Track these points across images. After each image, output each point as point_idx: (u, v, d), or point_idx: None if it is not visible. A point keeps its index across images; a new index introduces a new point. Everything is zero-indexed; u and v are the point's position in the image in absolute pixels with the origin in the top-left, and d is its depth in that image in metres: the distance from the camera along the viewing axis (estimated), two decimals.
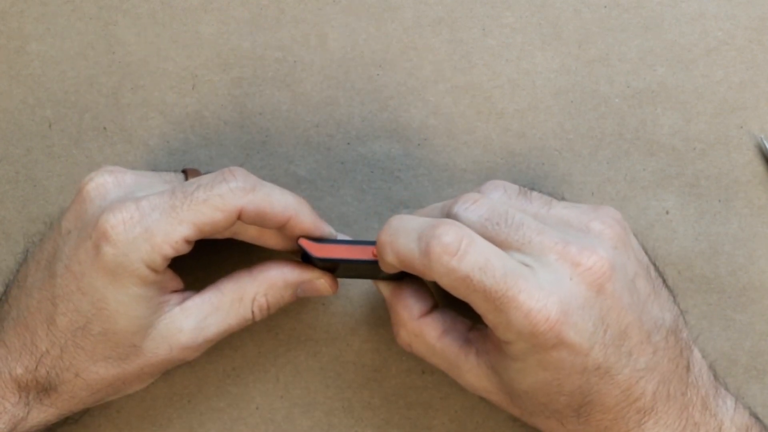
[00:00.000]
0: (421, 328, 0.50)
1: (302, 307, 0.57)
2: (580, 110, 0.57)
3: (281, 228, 0.50)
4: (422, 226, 0.46)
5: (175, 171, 0.53)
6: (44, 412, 0.50)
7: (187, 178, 0.52)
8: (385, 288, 0.51)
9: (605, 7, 0.57)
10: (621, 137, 0.57)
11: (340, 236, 0.53)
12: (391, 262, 0.47)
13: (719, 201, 0.57)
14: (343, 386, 0.57)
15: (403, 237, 0.46)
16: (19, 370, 0.49)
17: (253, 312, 0.51)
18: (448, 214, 0.47)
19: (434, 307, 0.51)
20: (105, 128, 0.58)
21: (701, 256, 0.57)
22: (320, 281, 0.52)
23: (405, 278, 0.51)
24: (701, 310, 0.57)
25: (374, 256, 0.49)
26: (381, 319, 0.57)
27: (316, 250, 0.50)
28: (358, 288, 0.57)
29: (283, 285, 0.51)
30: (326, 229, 0.51)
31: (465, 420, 0.57)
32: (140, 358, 0.49)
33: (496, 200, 0.48)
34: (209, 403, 0.57)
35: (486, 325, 0.47)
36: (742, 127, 0.57)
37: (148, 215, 0.47)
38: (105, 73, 0.58)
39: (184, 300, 0.50)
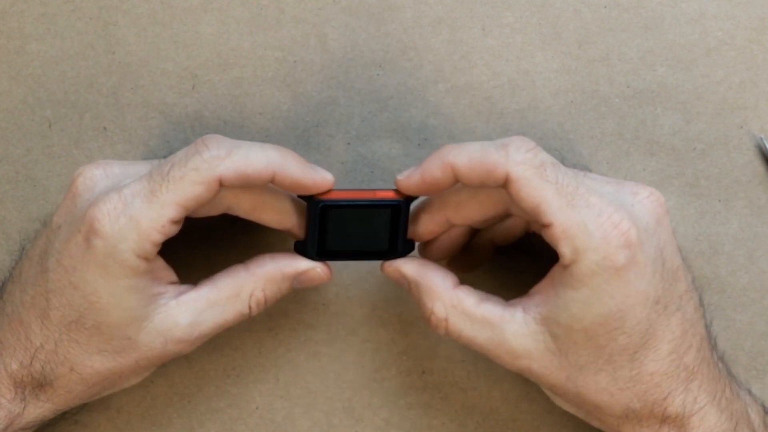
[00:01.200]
0: (459, 297, 0.49)
1: (302, 307, 0.57)
2: (580, 110, 0.57)
3: (273, 183, 0.48)
4: (488, 142, 0.47)
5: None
6: (40, 408, 0.50)
7: None
8: (409, 267, 0.50)
9: (605, 7, 0.57)
10: (621, 137, 0.57)
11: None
12: (460, 163, 0.46)
13: (719, 201, 0.57)
14: (344, 386, 0.57)
15: (474, 144, 0.47)
16: (14, 366, 0.49)
17: (250, 307, 0.50)
18: (507, 154, 0.46)
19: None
20: (105, 128, 0.58)
21: (701, 256, 0.57)
22: (316, 270, 0.51)
23: (405, 253, 0.51)
24: None
25: (396, 195, 0.49)
26: (381, 319, 0.57)
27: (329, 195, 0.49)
28: (358, 288, 0.57)
29: (281, 278, 0.50)
30: (318, 175, 0.49)
31: (465, 420, 0.57)
32: (135, 351, 0.49)
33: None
34: (209, 403, 0.57)
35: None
36: (742, 127, 0.57)
37: (130, 204, 0.46)
38: (105, 73, 0.58)
39: (179, 294, 0.50)
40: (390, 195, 0.50)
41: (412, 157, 0.57)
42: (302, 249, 0.51)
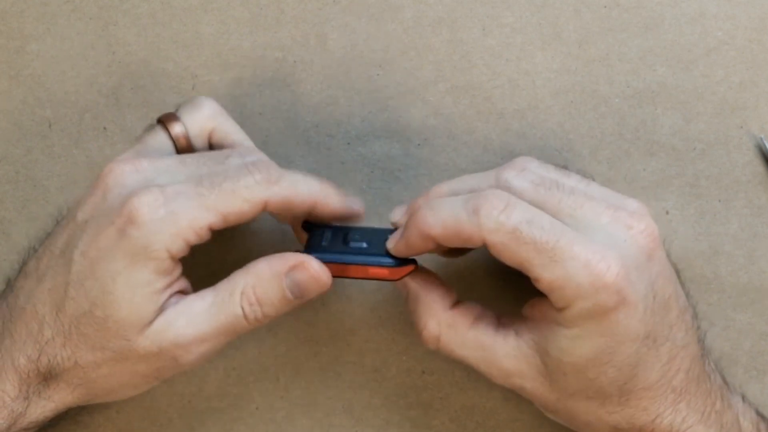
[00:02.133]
0: (454, 318, 0.49)
1: (302, 307, 0.57)
2: (580, 110, 0.57)
3: (312, 212, 0.50)
4: (465, 196, 0.47)
5: (151, 124, 0.52)
6: (42, 407, 0.50)
7: (165, 126, 0.51)
8: (410, 281, 0.50)
9: (605, 7, 0.57)
10: (621, 137, 0.57)
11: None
12: (436, 234, 0.47)
13: (719, 201, 0.57)
14: (344, 386, 0.57)
15: (447, 207, 0.47)
16: (22, 360, 0.49)
17: (242, 308, 0.49)
18: (497, 181, 0.47)
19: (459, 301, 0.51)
20: (105, 128, 0.58)
21: (701, 256, 0.57)
22: (312, 267, 0.49)
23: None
24: (701, 310, 0.57)
25: (389, 273, 0.50)
26: (381, 319, 0.57)
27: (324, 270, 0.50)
28: (358, 288, 0.57)
29: (270, 275, 0.49)
30: (355, 208, 0.51)
31: (465, 420, 0.57)
32: (132, 354, 0.49)
33: (541, 169, 0.48)
34: (209, 403, 0.57)
35: (528, 305, 0.48)
36: (742, 127, 0.57)
37: (173, 199, 0.47)
38: (105, 73, 0.58)
39: (180, 301, 0.50)
40: (384, 273, 0.50)
41: (412, 157, 0.57)
42: (308, 224, 0.52)
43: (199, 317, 0.49)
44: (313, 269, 0.49)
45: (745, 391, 0.56)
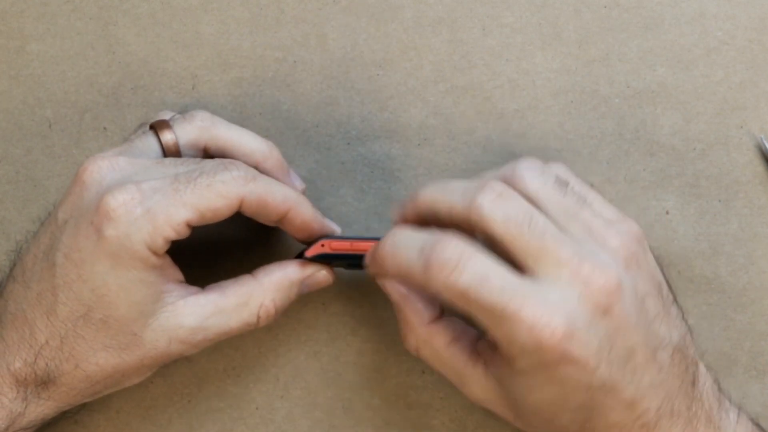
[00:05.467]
0: (431, 335, 0.50)
1: (302, 307, 0.57)
2: (580, 110, 0.57)
3: (281, 221, 0.50)
4: (424, 240, 0.46)
5: (143, 128, 0.52)
6: (42, 406, 0.50)
7: (156, 133, 0.51)
8: (394, 291, 0.51)
9: (605, 7, 0.57)
10: (621, 137, 0.57)
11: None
12: (392, 274, 0.48)
13: (719, 201, 0.57)
14: (344, 386, 0.57)
15: (405, 250, 0.47)
16: (18, 364, 0.49)
17: (258, 317, 0.51)
18: (471, 203, 0.46)
19: (442, 313, 0.51)
20: (105, 128, 0.58)
21: (701, 256, 0.57)
22: (321, 273, 0.52)
23: None
24: (701, 310, 0.57)
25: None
26: (381, 319, 0.57)
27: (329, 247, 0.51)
28: (358, 288, 0.57)
29: (289, 285, 0.51)
30: (326, 224, 0.52)
31: (465, 420, 0.57)
32: (140, 348, 0.49)
33: (528, 190, 0.47)
34: (209, 403, 0.57)
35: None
36: (742, 127, 0.57)
37: (149, 197, 0.47)
38: (105, 73, 0.58)
39: (187, 295, 0.50)
40: None
41: (412, 157, 0.57)
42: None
43: (209, 320, 0.50)
44: (326, 279, 0.52)
45: (745, 391, 0.56)
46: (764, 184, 0.57)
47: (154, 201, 0.47)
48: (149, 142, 0.52)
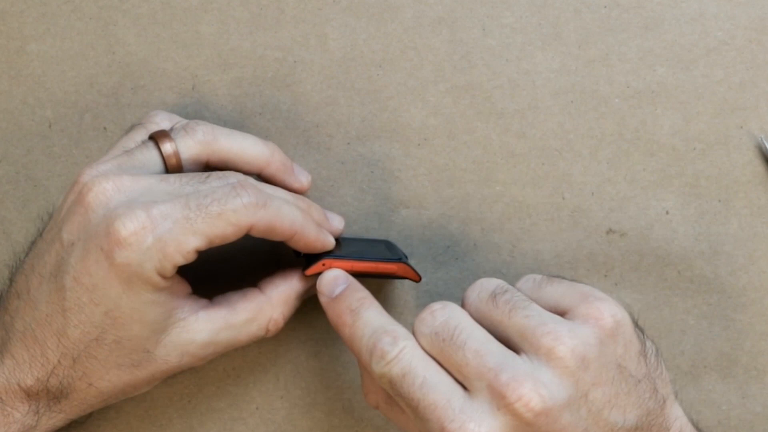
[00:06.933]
0: (386, 398, 0.50)
1: (302, 307, 0.57)
2: (580, 110, 0.57)
3: (286, 240, 0.50)
4: (380, 326, 0.48)
5: (144, 141, 0.52)
6: (53, 419, 0.51)
7: (157, 144, 0.51)
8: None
9: (605, 7, 0.57)
10: (621, 137, 0.57)
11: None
12: (346, 341, 0.49)
13: (719, 201, 0.57)
14: (344, 386, 0.57)
15: (358, 336, 0.48)
16: (30, 381, 0.49)
17: (267, 330, 0.52)
18: (416, 320, 0.48)
19: None
20: (105, 128, 0.58)
21: (701, 256, 0.57)
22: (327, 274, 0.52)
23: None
24: (701, 310, 0.57)
25: (377, 270, 0.52)
26: None
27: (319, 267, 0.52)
28: None
29: (295, 297, 0.53)
30: (329, 242, 0.52)
31: None
32: (152, 364, 0.50)
33: (458, 308, 0.48)
34: (209, 403, 0.57)
35: None
36: (742, 127, 0.57)
37: (160, 224, 0.47)
38: (105, 73, 0.58)
39: (198, 309, 0.50)
40: (392, 269, 0.53)
41: (412, 157, 0.57)
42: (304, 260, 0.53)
43: (220, 335, 0.51)
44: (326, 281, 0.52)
45: (745, 391, 0.56)
46: (764, 184, 0.57)
47: (165, 229, 0.47)
48: (150, 155, 0.51)
